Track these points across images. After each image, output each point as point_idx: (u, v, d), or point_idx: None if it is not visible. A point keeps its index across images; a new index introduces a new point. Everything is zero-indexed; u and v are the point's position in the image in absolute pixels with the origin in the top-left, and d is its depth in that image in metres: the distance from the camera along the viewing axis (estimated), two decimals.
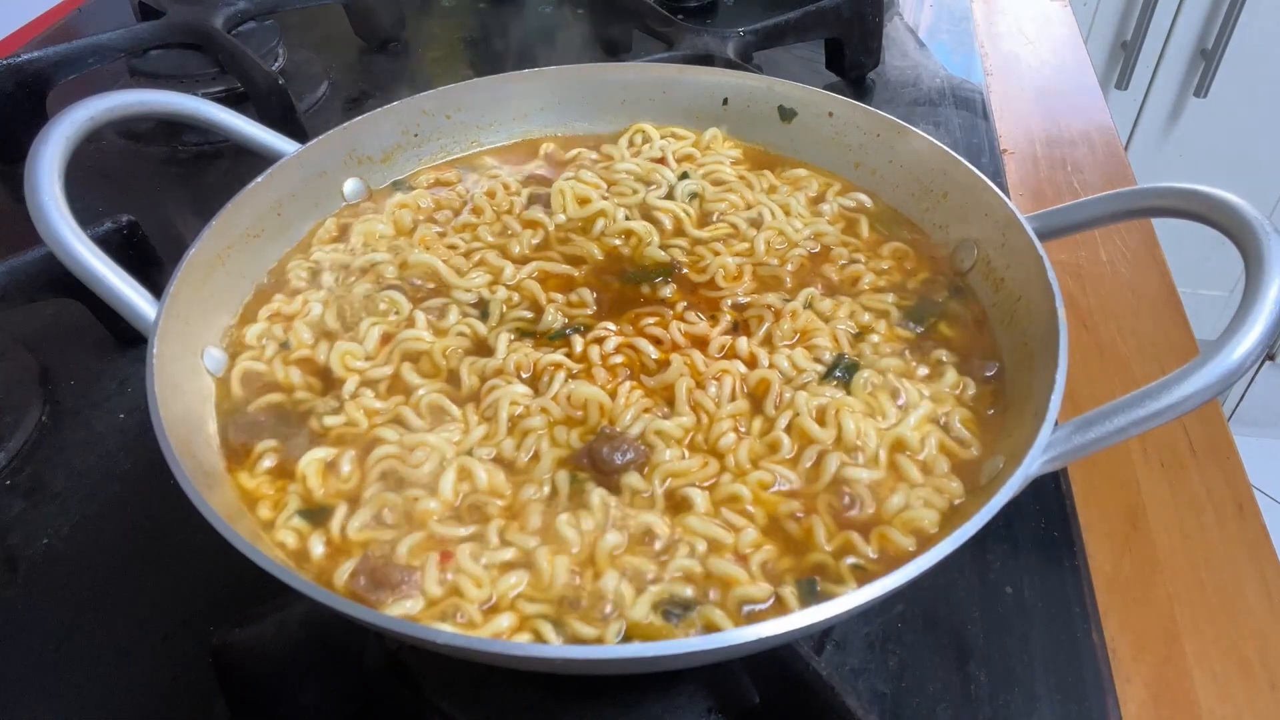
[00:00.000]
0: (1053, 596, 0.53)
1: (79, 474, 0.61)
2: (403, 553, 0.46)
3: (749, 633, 0.36)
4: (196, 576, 0.54)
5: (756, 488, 0.49)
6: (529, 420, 0.52)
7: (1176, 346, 0.72)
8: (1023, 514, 0.58)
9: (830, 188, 0.70)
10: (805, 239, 0.66)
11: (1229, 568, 0.56)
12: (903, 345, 0.57)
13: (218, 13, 1.00)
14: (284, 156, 0.64)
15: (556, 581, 0.45)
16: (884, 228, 0.67)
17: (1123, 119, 1.98)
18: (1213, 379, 0.42)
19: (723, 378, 0.54)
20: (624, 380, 0.55)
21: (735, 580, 0.45)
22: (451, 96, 0.72)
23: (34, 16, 1.25)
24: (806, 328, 0.58)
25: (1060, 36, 1.17)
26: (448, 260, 0.64)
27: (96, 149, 0.94)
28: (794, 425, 0.52)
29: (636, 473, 0.50)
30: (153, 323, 0.50)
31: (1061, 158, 0.94)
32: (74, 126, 0.56)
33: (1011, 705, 0.49)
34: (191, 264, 0.55)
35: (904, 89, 1.04)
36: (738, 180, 0.71)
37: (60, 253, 0.52)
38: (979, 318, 0.59)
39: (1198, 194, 0.50)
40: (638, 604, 0.44)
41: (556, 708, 0.47)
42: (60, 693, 0.50)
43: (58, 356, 0.70)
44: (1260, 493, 2.15)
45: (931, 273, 0.63)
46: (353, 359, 0.57)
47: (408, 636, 0.38)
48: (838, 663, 0.50)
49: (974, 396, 0.54)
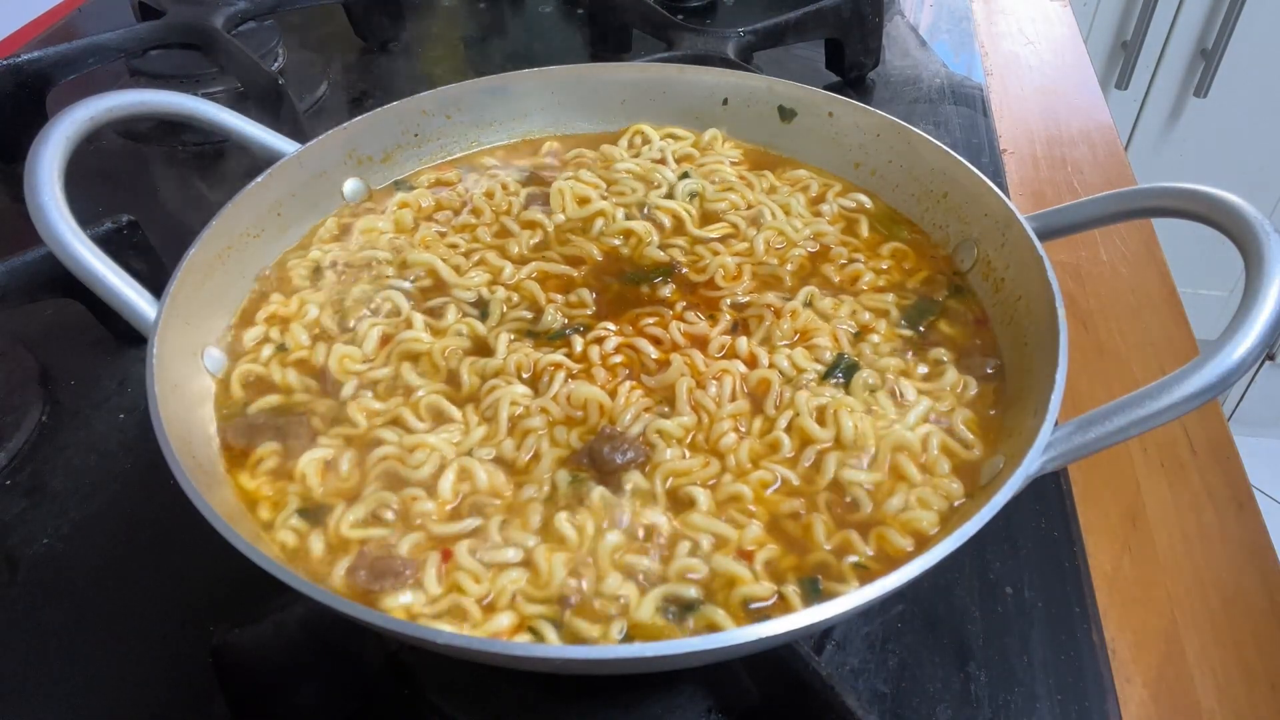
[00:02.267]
0: (1053, 596, 0.53)
1: (79, 474, 0.61)
2: (403, 551, 0.46)
3: (749, 633, 0.36)
4: (196, 576, 0.54)
5: (757, 487, 0.49)
6: (529, 420, 0.52)
7: (1176, 346, 0.72)
8: (1023, 514, 0.58)
9: (830, 188, 0.70)
10: (805, 239, 0.66)
11: (1229, 568, 0.56)
12: (903, 345, 0.58)
13: (218, 13, 1.00)
14: (284, 156, 0.64)
15: (555, 580, 0.45)
16: (883, 228, 0.67)
17: (1123, 119, 1.98)
18: (1213, 379, 0.42)
19: (723, 377, 0.55)
20: (624, 380, 0.55)
21: (739, 579, 0.45)
22: (451, 96, 0.72)
23: (34, 16, 1.25)
24: (806, 327, 0.58)
25: (1060, 36, 1.17)
26: (447, 259, 0.64)
27: (96, 149, 0.94)
28: (794, 425, 0.52)
29: (638, 472, 0.50)
30: (153, 323, 0.50)
31: (1061, 158, 0.94)
32: (74, 126, 0.56)
33: (1011, 705, 0.49)
34: (191, 264, 0.55)
35: (905, 88, 1.04)
36: (738, 180, 0.71)
37: (60, 253, 0.52)
38: (979, 317, 0.59)
39: (1198, 194, 0.50)
40: (642, 604, 0.44)
41: (556, 708, 0.47)
42: (60, 693, 0.50)
43: (58, 356, 0.70)
44: (1260, 493, 2.15)
45: (931, 272, 0.63)
46: (351, 362, 0.57)
47: (408, 636, 0.38)
48: (838, 663, 0.50)
49: (975, 396, 0.54)
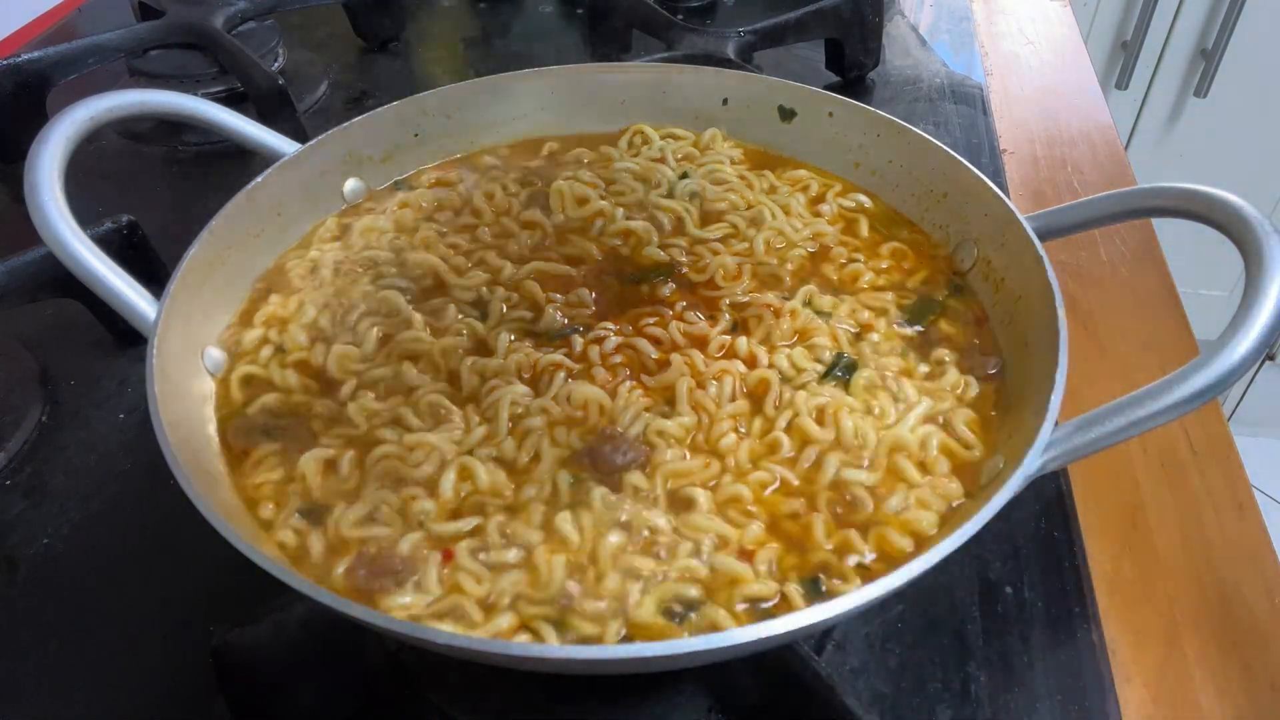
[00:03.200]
0: (1053, 596, 0.53)
1: (79, 474, 0.61)
2: (403, 550, 0.46)
3: (749, 632, 0.36)
4: (196, 576, 0.54)
5: (757, 487, 0.49)
6: (529, 420, 0.52)
7: (1176, 346, 0.72)
8: (1023, 514, 0.58)
9: (830, 188, 0.70)
10: (805, 239, 0.66)
11: (1229, 568, 0.56)
12: (903, 344, 0.58)
13: (218, 13, 1.00)
14: (284, 156, 0.64)
15: (556, 581, 0.45)
16: (883, 228, 0.67)
17: (1123, 119, 1.98)
18: (1213, 379, 0.42)
19: (723, 377, 0.55)
20: (624, 380, 0.55)
21: (742, 578, 0.45)
22: (452, 96, 0.72)
23: (34, 16, 1.25)
24: (806, 327, 0.58)
25: (1060, 36, 1.17)
26: (447, 259, 0.64)
27: (96, 149, 0.94)
28: (794, 425, 0.52)
29: (639, 472, 0.50)
30: (153, 323, 0.50)
31: (1061, 158, 0.94)
32: (74, 126, 0.56)
33: (1011, 705, 0.48)
34: (191, 264, 0.55)
35: (905, 87, 1.04)
36: (738, 180, 0.71)
37: (60, 253, 0.52)
38: (979, 316, 0.59)
39: (1198, 194, 0.50)
40: (644, 604, 0.44)
41: (556, 708, 0.47)
42: (60, 693, 0.50)
43: (58, 356, 0.70)
44: (1260, 493, 2.15)
45: (931, 271, 0.63)
46: (350, 361, 0.57)
47: (408, 636, 0.38)
48: (838, 663, 0.50)
49: (976, 396, 0.54)
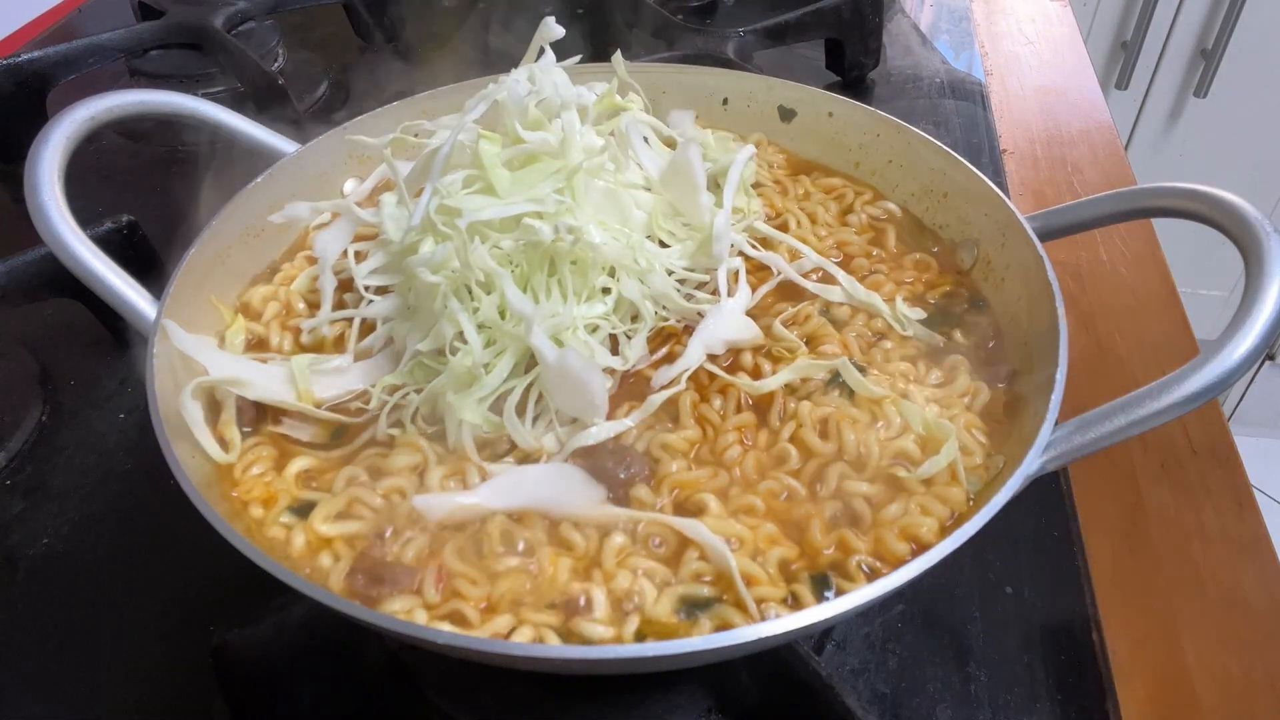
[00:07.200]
0: (1053, 596, 0.53)
1: (79, 474, 0.61)
2: (403, 554, 0.46)
3: (749, 632, 0.36)
4: (196, 576, 0.54)
5: (765, 496, 0.48)
6: None
7: (1176, 346, 0.72)
8: (1023, 514, 0.58)
9: (861, 196, 0.68)
10: (828, 248, 0.64)
11: (1229, 568, 0.56)
12: (913, 352, 0.56)
13: (218, 13, 1.00)
14: (284, 156, 0.64)
15: (559, 583, 0.44)
16: (910, 238, 0.65)
17: (1123, 119, 1.98)
18: (1213, 379, 0.43)
19: (726, 390, 0.53)
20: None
21: (754, 579, 0.44)
22: (452, 96, 0.72)
23: (34, 16, 1.25)
24: (815, 333, 0.57)
25: (1060, 36, 1.17)
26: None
27: (96, 149, 0.94)
28: (797, 436, 0.51)
29: (644, 485, 0.49)
30: (153, 323, 0.50)
31: (1061, 158, 0.94)
32: (74, 126, 0.56)
33: (1011, 705, 0.48)
34: (191, 264, 0.55)
35: (905, 86, 1.04)
36: (772, 185, 0.69)
37: (60, 253, 0.52)
38: (996, 328, 0.58)
39: (1198, 194, 0.50)
40: (660, 601, 0.43)
41: (556, 708, 0.47)
42: (60, 693, 0.50)
43: (58, 356, 0.70)
44: (1260, 493, 2.15)
45: (953, 286, 0.61)
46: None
47: (408, 636, 0.38)
48: (838, 663, 0.50)
49: (985, 403, 0.53)
